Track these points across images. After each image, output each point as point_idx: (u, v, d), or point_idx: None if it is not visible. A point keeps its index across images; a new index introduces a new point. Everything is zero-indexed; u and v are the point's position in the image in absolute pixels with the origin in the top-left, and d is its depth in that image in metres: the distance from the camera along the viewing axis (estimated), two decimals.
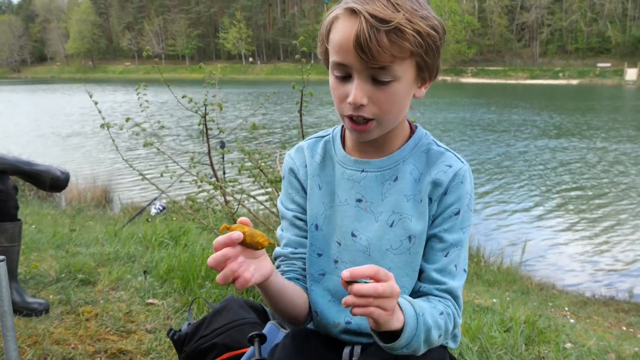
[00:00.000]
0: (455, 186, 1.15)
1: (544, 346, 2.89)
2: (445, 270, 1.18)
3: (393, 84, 1.05)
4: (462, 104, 33.53)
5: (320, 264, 1.26)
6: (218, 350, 2.07)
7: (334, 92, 1.10)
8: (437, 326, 1.11)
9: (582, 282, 6.78)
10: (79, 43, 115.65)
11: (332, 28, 1.07)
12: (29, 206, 7.58)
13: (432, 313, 1.11)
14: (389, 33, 0.99)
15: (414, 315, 1.05)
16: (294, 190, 1.30)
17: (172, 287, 3.14)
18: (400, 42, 1.00)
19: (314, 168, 1.27)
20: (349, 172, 1.21)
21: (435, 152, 1.19)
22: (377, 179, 1.19)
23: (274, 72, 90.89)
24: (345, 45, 1.02)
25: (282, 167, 1.35)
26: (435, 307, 1.14)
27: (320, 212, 1.25)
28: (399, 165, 1.18)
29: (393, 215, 1.18)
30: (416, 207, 1.17)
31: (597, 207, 10.18)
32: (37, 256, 3.67)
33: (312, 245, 1.26)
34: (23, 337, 2.40)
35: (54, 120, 24.49)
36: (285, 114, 24.31)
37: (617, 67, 68.18)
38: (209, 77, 3.18)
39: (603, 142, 17.83)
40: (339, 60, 1.05)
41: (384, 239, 1.18)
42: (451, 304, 1.18)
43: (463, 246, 1.18)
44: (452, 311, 1.17)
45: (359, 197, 1.20)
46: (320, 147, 1.29)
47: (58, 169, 2.80)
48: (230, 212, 3.00)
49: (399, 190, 1.18)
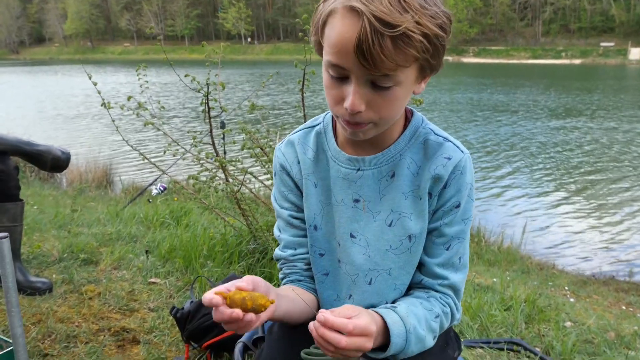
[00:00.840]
0: (456, 178, 1.10)
1: (544, 324, 2.92)
2: (447, 263, 1.15)
3: (394, 89, 0.97)
4: (468, 84, 33.35)
5: (322, 264, 1.22)
6: (220, 328, 2.09)
7: (329, 92, 1.02)
8: (430, 331, 1.11)
9: (582, 261, 6.80)
10: (77, 23, 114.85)
11: (328, 21, 0.95)
12: (31, 187, 7.59)
13: (426, 319, 1.11)
14: (395, 39, 0.88)
15: (403, 333, 1.05)
16: (286, 189, 1.24)
17: (174, 266, 3.15)
18: (406, 49, 0.90)
19: (308, 166, 1.20)
20: (344, 170, 1.15)
21: (433, 143, 1.12)
22: (374, 176, 1.13)
23: (273, 52, 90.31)
24: (344, 47, 0.92)
25: (273, 162, 1.28)
26: (432, 311, 1.13)
27: (317, 212, 1.21)
28: (395, 160, 1.12)
29: (392, 214, 1.13)
30: (415, 204, 1.13)
31: (598, 188, 10.18)
32: (39, 236, 3.69)
33: (313, 245, 1.22)
34: (27, 315, 2.42)
35: (56, 102, 24.40)
36: (292, 95, 24.17)
37: (620, 46, 67.70)
38: (210, 57, 3.15)
39: (608, 122, 17.77)
40: (336, 62, 0.95)
41: (383, 239, 1.15)
42: (451, 300, 1.17)
43: (465, 238, 1.15)
44: (450, 309, 1.17)
45: (357, 197, 1.15)
46: (311, 140, 1.21)
47: (59, 149, 2.80)
48: (232, 191, 3.00)
49: (396, 188, 1.13)
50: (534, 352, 2.48)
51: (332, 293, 1.23)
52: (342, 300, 1.21)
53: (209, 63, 3.01)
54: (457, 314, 1.18)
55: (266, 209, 3.28)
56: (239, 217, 3.23)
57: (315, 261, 1.23)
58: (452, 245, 1.14)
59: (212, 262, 3.07)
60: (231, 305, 0.92)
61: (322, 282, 1.23)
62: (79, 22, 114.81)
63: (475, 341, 2.58)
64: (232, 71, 42.20)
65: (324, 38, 0.98)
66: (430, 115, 18.58)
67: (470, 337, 2.64)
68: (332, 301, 1.22)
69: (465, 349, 2.48)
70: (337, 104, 1.02)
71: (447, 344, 1.22)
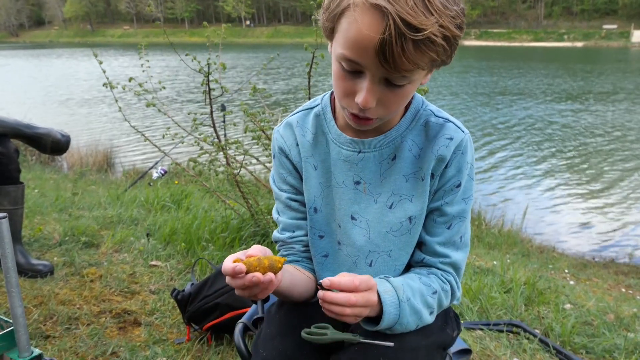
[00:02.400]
0: (457, 158, 1.10)
1: (543, 307, 2.93)
2: (449, 242, 1.15)
3: (406, 86, 0.97)
4: (470, 67, 33.16)
5: (322, 246, 1.23)
6: (221, 310, 2.10)
7: (339, 84, 1.00)
8: (427, 305, 1.11)
9: (583, 244, 6.81)
10: (76, 6, 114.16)
11: (346, 12, 0.91)
12: (32, 171, 7.59)
13: (422, 293, 1.11)
14: (417, 42, 0.87)
15: (395, 302, 1.06)
16: (285, 171, 1.24)
17: (175, 249, 3.16)
18: (428, 53, 0.89)
19: (307, 148, 1.20)
20: (345, 152, 1.15)
21: (434, 124, 1.12)
22: (375, 159, 1.13)
23: (274, 35, 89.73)
24: (364, 45, 0.89)
25: (272, 145, 1.28)
26: (430, 286, 1.13)
27: (317, 194, 1.20)
28: (397, 142, 1.12)
29: (392, 196, 1.14)
30: (416, 185, 1.13)
31: (599, 171, 10.16)
32: (40, 219, 3.69)
33: (313, 227, 1.23)
34: (29, 297, 2.44)
35: (57, 85, 24.29)
36: (302, 79, 24.05)
37: (623, 28, 67.17)
38: (210, 38, 3.13)
39: (610, 105, 17.69)
40: (352, 57, 0.93)
41: (383, 221, 1.15)
42: (452, 277, 1.17)
43: (466, 217, 1.15)
44: (451, 287, 1.17)
45: (357, 180, 1.15)
46: (310, 122, 1.21)
47: (59, 132, 2.79)
48: (232, 174, 3.00)
49: (397, 170, 1.13)
50: (534, 334, 2.49)
51: (331, 275, 1.22)
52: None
53: (209, 43, 2.98)
54: (457, 292, 1.19)
55: (267, 191, 3.28)
56: (240, 200, 3.23)
57: (315, 243, 1.23)
58: (454, 224, 1.14)
59: (213, 245, 3.08)
60: (249, 270, 0.93)
61: (321, 263, 1.23)
62: (78, 5, 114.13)
63: (475, 323, 2.60)
64: (233, 55, 41.87)
65: (338, 27, 0.95)
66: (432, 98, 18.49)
67: (470, 319, 2.66)
68: None
69: (465, 330, 2.49)
70: (347, 96, 1.00)
71: (447, 323, 1.22)
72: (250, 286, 0.94)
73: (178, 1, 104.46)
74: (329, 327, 1.09)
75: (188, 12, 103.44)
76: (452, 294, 1.18)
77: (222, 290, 2.11)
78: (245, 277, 0.93)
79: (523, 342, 2.44)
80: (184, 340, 2.18)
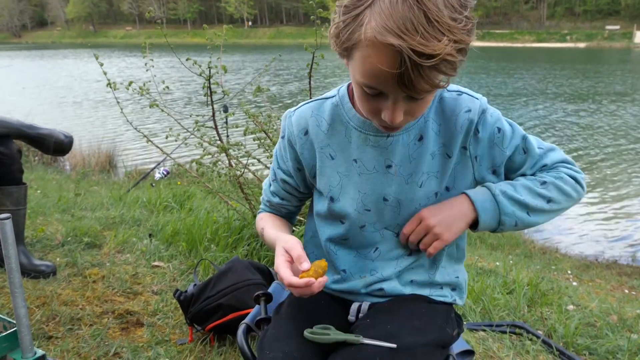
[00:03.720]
0: (482, 122, 1.15)
1: (546, 308, 2.92)
2: (534, 160, 1.21)
3: (428, 94, 0.99)
4: (471, 67, 33.12)
5: (340, 231, 1.24)
6: (224, 311, 2.10)
7: (364, 104, 1.04)
8: (537, 195, 1.17)
9: (585, 245, 6.80)
10: (79, 7, 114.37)
11: (358, 46, 0.93)
12: (34, 172, 7.60)
13: (526, 185, 1.17)
14: (434, 66, 0.88)
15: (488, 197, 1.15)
16: (287, 154, 1.28)
17: (177, 250, 3.16)
18: (446, 70, 0.91)
19: (322, 138, 1.21)
20: (373, 138, 1.16)
21: (448, 99, 1.15)
22: (404, 141, 1.16)
23: (276, 35, 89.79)
24: (383, 78, 0.92)
25: (282, 124, 1.30)
26: (535, 180, 1.19)
27: (334, 184, 1.22)
28: (421, 123, 1.15)
29: (422, 175, 1.17)
30: (442, 162, 1.17)
31: (602, 172, 10.15)
32: (43, 220, 3.70)
33: (332, 214, 1.24)
34: (31, 298, 2.44)
35: (60, 86, 24.34)
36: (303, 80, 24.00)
37: (626, 29, 67.05)
38: (212, 41, 3.13)
39: (614, 106, 17.65)
40: (374, 85, 0.96)
41: (414, 200, 1.18)
42: (565, 169, 1.22)
43: (525, 134, 1.20)
44: (565, 173, 1.21)
45: (389, 164, 1.17)
46: (326, 111, 1.22)
47: (61, 133, 2.79)
48: (235, 175, 3.00)
49: (425, 150, 1.16)
50: (537, 335, 2.49)
51: (349, 252, 1.26)
52: (365, 254, 1.24)
53: (210, 46, 2.99)
54: (580, 178, 1.22)
55: None
56: (242, 201, 3.23)
57: (335, 227, 1.26)
58: (526, 147, 1.19)
59: (216, 246, 3.08)
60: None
61: (339, 244, 1.27)
62: (81, 6, 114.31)
63: (478, 324, 2.59)
64: (236, 58, 41.81)
65: (352, 56, 0.97)
66: None
67: (473, 320, 2.66)
68: (352, 257, 1.26)
69: (468, 331, 2.49)
70: (373, 114, 1.05)
71: (447, 322, 1.22)
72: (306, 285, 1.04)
73: (180, 2, 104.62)
74: (331, 327, 1.11)
75: (190, 13, 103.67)
76: (576, 180, 1.22)
77: (225, 291, 2.11)
78: (313, 286, 1.04)
79: (526, 343, 2.43)
80: (186, 341, 2.18)
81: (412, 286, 1.25)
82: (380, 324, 1.13)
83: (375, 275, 1.24)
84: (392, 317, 1.16)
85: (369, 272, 1.24)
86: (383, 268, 1.23)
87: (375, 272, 1.24)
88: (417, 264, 1.24)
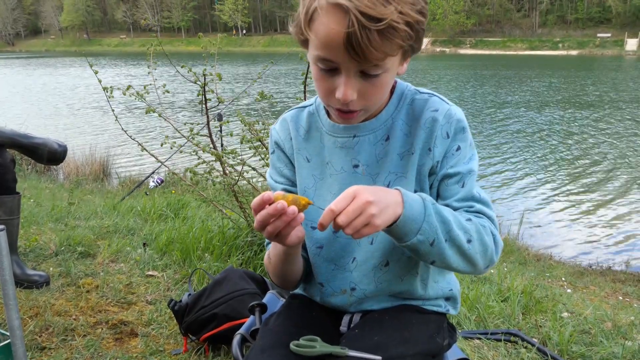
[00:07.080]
0: (445, 126, 1.13)
1: (541, 315, 2.93)
2: (467, 197, 1.15)
3: (382, 75, 1.02)
4: (465, 76, 33.29)
5: (316, 237, 1.25)
6: (218, 320, 2.10)
7: (319, 84, 1.07)
8: (461, 227, 1.07)
9: (580, 252, 6.82)
10: (73, 15, 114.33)
11: (314, 17, 0.98)
12: (27, 180, 7.57)
13: (454, 214, 1.08)
14: (381, 31, 0.93)
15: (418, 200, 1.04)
16: (282, 164, 1.29)
17: (171, 259, 3.15)
18: (393, 40, 0.95)
19: (299, 142, 1.26)
20: (340, 140, 1.20)
21: (419, 101, 1.18)
22: (370, 141, 1.18)
23: (270, 44, 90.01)
24: (334, 43, 0.96)
25: (269, 142, 1.33)
26: (461, 214, 1.11)
27: (309, 186, 1.24)
28: (388, 123, 1.17)
29: (389, 175, 1.17)
30: (408, 161, 1.16)
31: (596, 179, 10.19)
32: (36, 230, 3.68)
33: (306, 219, 1.20)
34: (24, 308, 2.42)
35: (53, 95, 24.29)
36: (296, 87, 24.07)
37: (617, 37, 67.56)
38: (206, 48, 3.14)
39: (607, 113, 17.77)
40: (325, 56, 0.99)
41: None
42: (486, 220, 1.14)
43: (475, 175, 1.17)
44: (488, 225, 1.13)
45: (355, 163, 1.19)
46: (304, 119, 1.27)
47: (55, 142, 2.79)
48: (230, 183, 2.99)
49: (392, 150, 1.17)
50: (532, 342, 2.49)
51: (328, 264, 1.25)
52: (343, 266, 1.23)
53: (205, 54, 3.00)
54: (498, 237, 1.15)
55: None
56: (237, 209, 3.22)
57: (309, 233, 1.26)
58: (466, 181, 1.15)
59: (210, 255, 3.07)
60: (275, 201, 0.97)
61: (317, 254, 1.26)
62: (75, 14, 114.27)
63: (473, 332, 2.59)
64: (232, 68, 41.85)
65: (310, 33, 1.01)
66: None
67: (468, 328, 2.65)
68: (331, 271, 1.24)
69: (463, 340, 2.48)
70: (328, 95, 1.06)
71: (438, 332, 1.21)
72: (275, 216, 0.97)
73: (175, 10, 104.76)
74: (317, 339, 1.09)
75: (185, 21, 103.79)
76: (493, 236, 1.14)
77: (220, 300, 2.10)
78: (271, 206, 0.96)
79: (521, 351, 2.43)
80: (181, 351, 2.17)
81: (398, 299, 1.24)
82: (368, 335, 1.13)
83: (357, 293, 1.23)
84: (382, 328, 1.15)
85: (348, 285, 1.23)
86: (362, 281, 1.22)
87: (355, 286, 1.22)
88: (393, 275, 1.21)
